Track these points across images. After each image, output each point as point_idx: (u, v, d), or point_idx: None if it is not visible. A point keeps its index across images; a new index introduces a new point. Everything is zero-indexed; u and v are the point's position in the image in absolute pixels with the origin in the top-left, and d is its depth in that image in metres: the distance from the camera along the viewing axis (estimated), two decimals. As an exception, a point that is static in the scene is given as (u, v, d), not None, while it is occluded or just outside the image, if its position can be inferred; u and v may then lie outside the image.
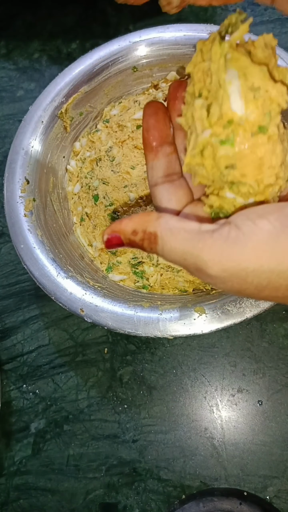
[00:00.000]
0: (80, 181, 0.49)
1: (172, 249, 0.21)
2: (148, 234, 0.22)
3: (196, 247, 0.20)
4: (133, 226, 0.23)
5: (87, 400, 0.44)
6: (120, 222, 0.23)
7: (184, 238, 0.21)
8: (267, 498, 0.40)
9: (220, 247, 0.20)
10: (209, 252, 0.20)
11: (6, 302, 0.49)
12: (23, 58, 0.61)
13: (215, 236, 0.20)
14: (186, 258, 0.21)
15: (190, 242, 0.21)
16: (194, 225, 0.21)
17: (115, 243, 0.24)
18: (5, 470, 0.43)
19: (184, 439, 0.42)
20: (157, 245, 0.22)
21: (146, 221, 0.22)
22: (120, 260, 0.45)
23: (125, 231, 0.23)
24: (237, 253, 0.19)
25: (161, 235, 0.22)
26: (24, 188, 0.43)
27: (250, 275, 0.19)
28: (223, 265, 0.20)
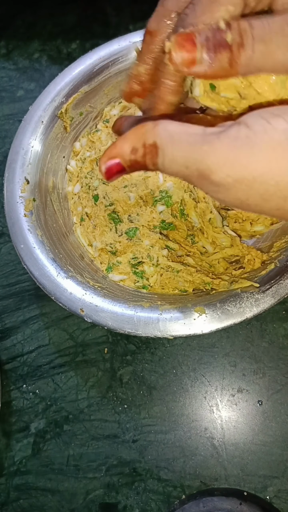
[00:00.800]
0: (80, 181, 0.49)
1: (174, 156, 0.19)
2: (149, 147, 0.19)
3: (200, 150, 0.18)
4: (131, 143, 0.20)
5: (87, 400, 0.44)
6: (115, 144, 0.21)
7: (186, 143, 0.19)
8: (267, 498, 0.40)
9: (227, 148, 0.17)
10: (215, 155, 0.18)
11: (6, 302, 0.49)
12: (23, 58, 0.61)
13: (222, 137, 0.18)
14: (188, 165, 0.19)
15: (193, 146, 0.18)
16: (197, 128, 0.19)
17: (115, 171, 0.21)
18: (5, 470, 0.43)
19: (184, 439, 0.42)
20: (157, 158, 0.19)
21: (143, 133, 0.20)
22: (120, 260, 0.45)
23: (123, 152, 0.20)
24: (246, 154, 0.17)
25: (161, 144, 0.19)
26: (24, 188, 0.43)
27: (258, 179, 0.18)
28: (228, 168, 0.18)
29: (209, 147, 0.18)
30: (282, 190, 0.18)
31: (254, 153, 0.17)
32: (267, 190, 0.18)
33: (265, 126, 0.17)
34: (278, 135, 0.17)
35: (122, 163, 0.21)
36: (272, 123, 0.17)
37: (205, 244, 0.45)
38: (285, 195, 0.18)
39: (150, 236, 0.44)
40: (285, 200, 0.18)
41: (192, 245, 0.45)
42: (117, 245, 0.45)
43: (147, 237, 0.44)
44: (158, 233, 0.45)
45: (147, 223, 0.45)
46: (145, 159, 0.20)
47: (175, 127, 0.19)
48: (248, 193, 0.18)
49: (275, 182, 0.17)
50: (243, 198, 0.19)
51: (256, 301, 0.36)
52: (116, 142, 0.20)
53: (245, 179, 0.18)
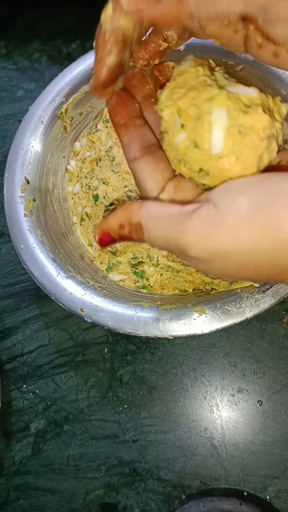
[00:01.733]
0: (80, 181, 0.49)
1: (157, 236, 0.21)
2: (134, 225, 0.22)
3: (177, 231, 0.20)
4: (118, 220, 0.23)
5: (87, 400, 0.44)
6: (106, 220, 0.23)
7: (165, 223, 0.21)
8: (267, 498, 0.40)
9: (199, 228, 0.20)
10: (188, 235, 0.20)
11: (6, 302, 0.49)
12: (23, 58, 0.61)
13: (194, 218, 0.20)
14: (169, 243, 0.21)
15: (171, 227, 0.21)
16: (175, 209, 0.21)
17: (107, 241, 0.24)
18: (5, 470, 0.43)
19: (184, 439, 0.42)
20: (143, 234, 0.22)
21: (130, 213, 0.22)
22: (120, 260, 0.45)
23: (112, 227, 0.23)
24: (215, 233, 0.19)
25: (145, 224, 0.22)
26: (24, 188, 0.43)
27: (229, 254, 0.19)
28: (202, 245, 0.20)
29: (183, 228, 0.20)
30: (254, 261, 0.19)
31: (222, 231, 0.19)
32: (241, 261, 0.20)
33: (230, 205, 0.19)
34: (240, 213, 0.19)
35: (113, 235, 0.24)
36: (236, 202, 0.19)
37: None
38: (258, 264, 0.20)
39: (150, 236, 0.44)
40: (259, 268, 0.20)
41: (192, 245, 0.45)
42: (117, 245, 0.45)
43: (147, 237, 0.44)
44: (158, 233, 0.45)
45: (147, 223, 0.45)
46: (132, 235, 0.23)
47: (156, 209, 0.22)
48: (225, 264, 0.20)
49: (246, 254, 0.19)
50: (221, 269, 0.21)
51: (256, 301, 0.36)
52: (108, 217, 0.23)
53: (218, 253, 0.20)
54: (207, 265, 0.21)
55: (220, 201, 0.20)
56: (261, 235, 0.19)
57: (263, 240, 0.19)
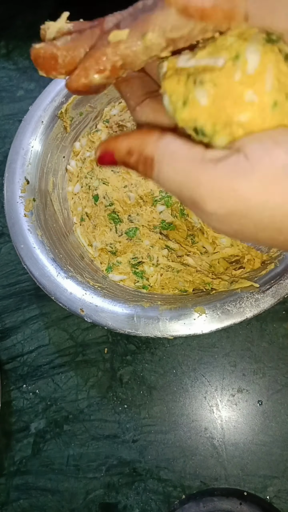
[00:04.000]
0: (80, 181, 0.49)
1: (169, 178, 0.19)
2: (144, 157, 0.19)
3: (195, 178, 0.18)
4: (129, 145, 0.20)
5: (87, 400, 0.44)
6: (116, 139, 0.20)
7: (183, 167, 0.18)
8: (267, 498, 0.40)
9: (223, 179, 0.17)
10: (209, 185, 0.17)
11: (6, 302, 0.49)
12: (23, 58, 0.61)
13: (219, 167, 0.17)
14: (182, 190, 0.18)
15: (190, 173, 0.18)
16: (198, 152, 0.18)
17: (107, 161, 0.21)
18: (5, 470, 0.43)
19: (184, 439, 0.42)
20: (152, 171, 0.19)
21: (145, 142, 0.19)
22: (120, 260, 0.45)
23: (120, 149, 0.20)
24: (241, 184, 0.17)
25: (158, 161, 0.19)
26: (24, 188, 0.43)
27: (252, 210, 0.17)
28: (222, 201, 0.17)
29: (204, 177, 0.18)
30: (276, 222, 0.17)
31: (250, 185, 0.17)
32: (261, 221, 0.18)
33: (264, 157, 0.17)
34: (276, 168, 0.17)
35: (116, 158, 0.20)
36: (271, 155, 0.17)
37: (205, 244, 0.45)
38: (279, 227, 0.18)
39: (150, 236, 0.44)
40: (279, 232, 0.18)
41: (192, 245, 0.45)
42: (117, 245, 0.45)
43: (147, 237, 0.44)
44: (158, 233, 0.45)
45: (147, 223, 0.45)
46: (138, 166, 0.20)
47: (177, 146, 0.19)
48: (242, 223, 0.18)
49: (270, 214, 0.17)
50: (236, 228, 0.18)
51: (256, 301, 0.36)
52: (118, 137, 0.20)
53: (239, 210, 0.17)
54: (222, 223, 0.18)
55: (252, 152, 0.17)
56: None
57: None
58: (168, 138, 0.19)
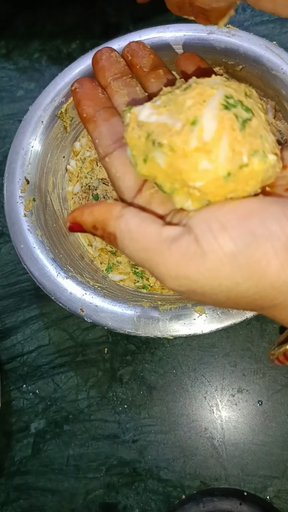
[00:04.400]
0: (80, 181, 0.49)
1: (131, 254, 0.20)
2: (108, 233, 0.21)
3: (154, 259, 0.19)
4: (93, 221, 0.21)
5: (87, 400, 0.44)
6: (82, 212, 0.21)
7: (142, 246, 0.20)
8: (267, 498, 0.40)
9: (177, 262, 0.19)
10: (166, 266, 0.19)
11: (6, 302, 0.49)
12: (23, 58, 0.61)
13: (173, 250, 0.19)
14: (145, 265, 0.20)
15: (148, 253, 0.19)
16: (154, 230, 0.20)
17: (78, 230, 0.22)
18: (5, 470, 0.43)
19: (184, 439, 0.42)
20: (117, 245, 0.21)
21: (106, 219, 0.21)
22: (120, 260, 0.45)
23: (85, 224, 0.21)
24: (194, 271, 0.18)
25: (120, 238, 0.20)
26: (24, 188, 0.43)
27: (208, 292, 0.19)
28: (179, 281, 0.19)
29: (161, 259, 0.19)
30: (232, 299, 0.19)
31: (202, 270, 0.18)
32: (218, 299, 0.19)
33: (212, 243, 0.18)
34: (224, 254, 0.18)
35: (85, 229, 0.22)
36: (218, 241, 0.18)
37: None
38: (236, 303, 0.19)
39: (150, 236, 0.44)
40: (238, 305, 0.20)
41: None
42: (117, 245, 0.45)
43: (147, 237, 0.44)
44: (158, 233, 0.45)
45: (147, 223, 0.45)
46: (104, 239, 0.21)
47: (135, 225, 0.20)
48: (202, 299, 0.20)
49: (225, 294, 0.19)
50: (199, 300, 0.20)
51: (256, 301, 0.36)
52: (85, 208, 0.21)
53: (196, 290, 0.19)
54: (184, 295, 0.20)
55: (201, 235, 0.18)
56: (243, 280, 0.18)
57: (244, 284, 0.18)
58: (127, 216, 0.20)
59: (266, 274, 0.18)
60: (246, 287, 0.18)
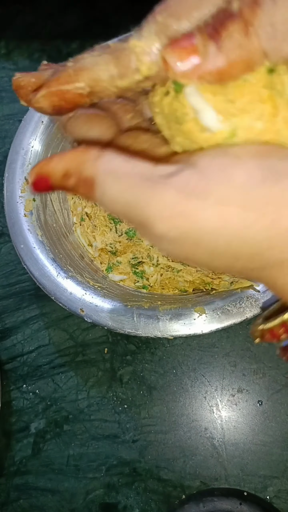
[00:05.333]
0: (80, 181, 0.49)
1: (113, 199, 0.16)
2: (84, 178, 0.17)
3: (143, 197, 0.16)
4: (65, 166, 0.17)
5: (87, 400, 0.44)
6: (49, 161, 0.18)
7: (129, 185, 0.16)
8: (267, 498, 0.40)
9: (174, 198, 0.15)
10: (159, 205, 0.15)
11: (6, 302, 0.49)
12: (23, 58, 0.61)
13: (169, 184, 0.15)
14: (129, 211, 0.16)
15: (136, 191, 0.16)
16: (145, 168, 0.16)
17: (42, 187, 0.18)
18: (5, 470, 0.43)
19: (184, 439, 0.42)
20: (94, 193, 0.17)
21: (82, 162, 0.17)
22: (120, 260, 0.45)
23: (55, 173, 0.18)
24: (194, 207, 0.15)
25: (100, 181, 0.17)
26: (24, 188, 0.43)
27: (206, 236, 0.15)
28: (174, 221, 0.15)
29: (153, 195, 0.15)
30: (233, 249, 0.16)
31: (204, 208, 0.15)
32: (217, 248, 0.16)
33: (222, 175, 0.15)
34: (234, 188, 0.15)
35: (51, 182, 0.18)
36: (230, 172, 0.15)
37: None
38: (236, 255, 0.16)
39: (150, 236, 0.44)
40: (236, 259, 0.16)
41: (192, 245, 0.45)
42: (117, 245, 0.45)
43: (147, 237, 0.44)
44: (158, 233, 0.45)
45: (147, 223, 0.45)
46: (78, 189, 0.18)
47: (120, 163, 0.16)
48: (195, 249, 0.16)
49: (226, 241, 0.15)
50: (188, 253, 0.16)
51: (256, 301, 0.36)
52: (53, 157, 0.18)
53: (192, 235, 0.15)
54: (172, 247, 0.16)
55: (208, 167, 0.15)
56: (255, 220, 0.15)
57: (256, 226, 0.15)
58: (109, 155, 0.17)
59: (282, 216, 0.15)
60: (257, 230, 0.15)
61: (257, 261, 0.16)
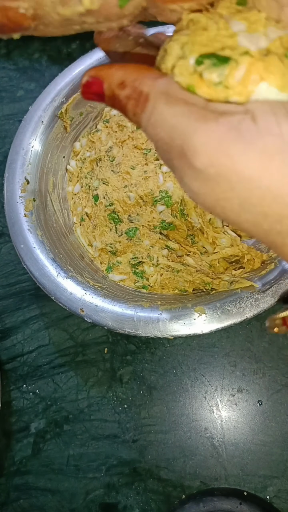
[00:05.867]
0: (80, 181, 0.49)
1: (162, 119, 0.16)
2: (139, 92, 0.17)
3: (192, 125, 0.16)
4: (124, 75, 0.17)
5: (87, 400, 0.44)
6: (110, 66, 0.18)
7: (181, 110, 0.16)
8: (267, 498, 0.40)
9: (222, 135, 0.15)
10: (205, 137, 0.15)
11: (6, 302, 0.49)
12: (23, 58, 0.61)
13: (221, 121, 0.15)
14: (173, 136, 0.16)
15: (187, 118, 0.16)
16: (200, 100, 0.16)
17: (94, 91, 0.18)
18: (5, 470, 0.43)
19: (184, 439, 0.42)
20: (144, 111, 0.17)
21: (142, 76, 0.17)
22: (120, 260, 0.45)
23: (112, 78, 0.17)
24: (239, 150, 0.15)
25: (154, 98, 0.17)
26: (24, 188, 0.43)
27: (242, 183, 0.15)
28: (215, 158, 0.15)
29: (203, 126, 0.15)
30: (265, 204, 0.15)
31: (249, 153, 0.15)
32: (249, 199, 0.16)
33: (273, 127, 0.15)
34: (282, 143, 0.15)
35: (105, 88, 0.18)
36: (281, 126, 0.15)
37: (205, 244, 0.45)
38: (266, 212, 0.16)
39: (150, 236, 0.44)
40: (264, 217, 0.16)
41: (192, 245, 0.45)
42: (117, 245, 0.45)
43: (147, 237, 0.44)
44: (158, 233, 0.45)
45: (147, 223, 0.45)
46: (128, 102, 0.17)
47: (178, 89, 0.16)
48: (227, 193, 0.16)
49: (260, 194, 0.15)
50: (220, 197, 0.16)
51: (256, 301, 0.36)
52: (113, 64, 0.18)
53: (230, 176, 0.15)
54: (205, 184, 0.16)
55: (262, 116, 0.15)
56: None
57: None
58: (169, 80, 0.17)
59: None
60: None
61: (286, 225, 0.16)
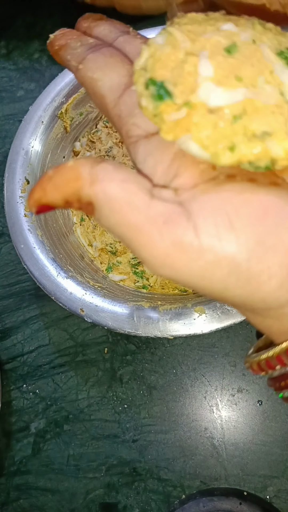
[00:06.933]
0: (80, 181, 0.49)
1: (112, 228, 0.17)
2: (85, 204, 0.17)
3: (139, 240, 0.16)
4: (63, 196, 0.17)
5: (87, 400, 0.44)
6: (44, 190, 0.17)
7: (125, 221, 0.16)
8: (267, 498, 0.40)
9: (167, 251, 0.16)
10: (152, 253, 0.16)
11: (6, 302, 0.49)
12: (23, 58, 0.61)
13: (164, 234, 0.16)
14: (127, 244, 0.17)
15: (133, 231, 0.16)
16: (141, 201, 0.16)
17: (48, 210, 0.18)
18: (5, 470, 0.43)
19: (184, 439, 0.42)
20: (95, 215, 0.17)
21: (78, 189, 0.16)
22: (120, 260, 0.45)
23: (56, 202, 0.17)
24: (184, 265, 0.16)
25: (99, 208, 0.16)
26: (24, 188, 0.43)
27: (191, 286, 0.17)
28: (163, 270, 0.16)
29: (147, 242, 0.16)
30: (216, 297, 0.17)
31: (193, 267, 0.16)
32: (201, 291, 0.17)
33: (214, 241, 0.15)
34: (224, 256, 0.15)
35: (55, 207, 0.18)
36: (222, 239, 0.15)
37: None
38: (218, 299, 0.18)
39: (150, 236, 0.44)
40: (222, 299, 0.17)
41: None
42: (117, 245, 0.45)
43: (147, 237, 0.44)
44: (158, 233, 0.45)
45: (147, 223, 0.45)
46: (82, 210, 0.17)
47: (116, 191, 0.16)
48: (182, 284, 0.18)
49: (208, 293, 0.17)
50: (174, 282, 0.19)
51: (256, 301, 0.36)
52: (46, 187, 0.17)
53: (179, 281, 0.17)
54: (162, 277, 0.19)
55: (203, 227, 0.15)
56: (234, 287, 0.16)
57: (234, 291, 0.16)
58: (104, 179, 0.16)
59: (261, 289, 0.16)
60: (235, 294, 0.16)
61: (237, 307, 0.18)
